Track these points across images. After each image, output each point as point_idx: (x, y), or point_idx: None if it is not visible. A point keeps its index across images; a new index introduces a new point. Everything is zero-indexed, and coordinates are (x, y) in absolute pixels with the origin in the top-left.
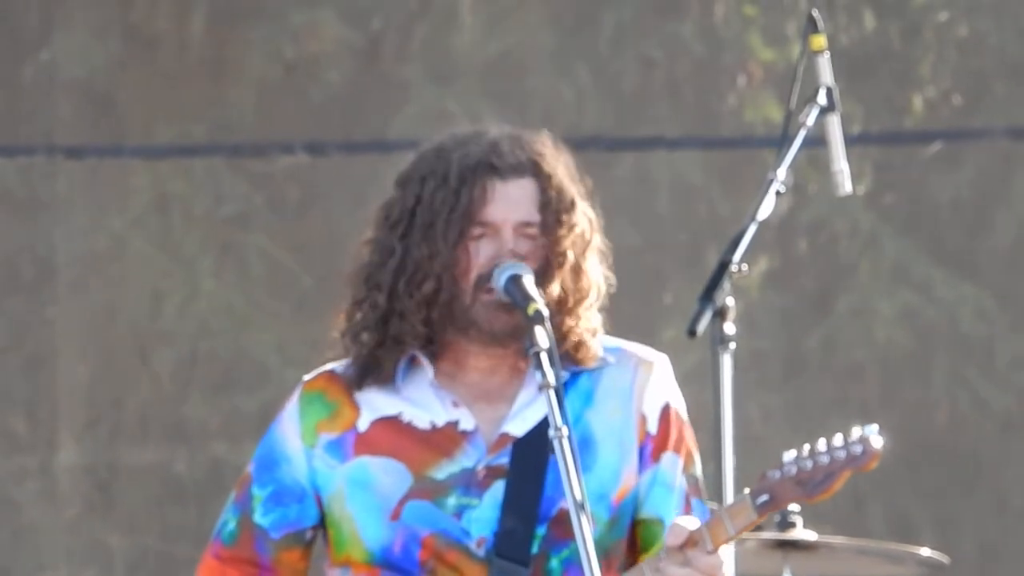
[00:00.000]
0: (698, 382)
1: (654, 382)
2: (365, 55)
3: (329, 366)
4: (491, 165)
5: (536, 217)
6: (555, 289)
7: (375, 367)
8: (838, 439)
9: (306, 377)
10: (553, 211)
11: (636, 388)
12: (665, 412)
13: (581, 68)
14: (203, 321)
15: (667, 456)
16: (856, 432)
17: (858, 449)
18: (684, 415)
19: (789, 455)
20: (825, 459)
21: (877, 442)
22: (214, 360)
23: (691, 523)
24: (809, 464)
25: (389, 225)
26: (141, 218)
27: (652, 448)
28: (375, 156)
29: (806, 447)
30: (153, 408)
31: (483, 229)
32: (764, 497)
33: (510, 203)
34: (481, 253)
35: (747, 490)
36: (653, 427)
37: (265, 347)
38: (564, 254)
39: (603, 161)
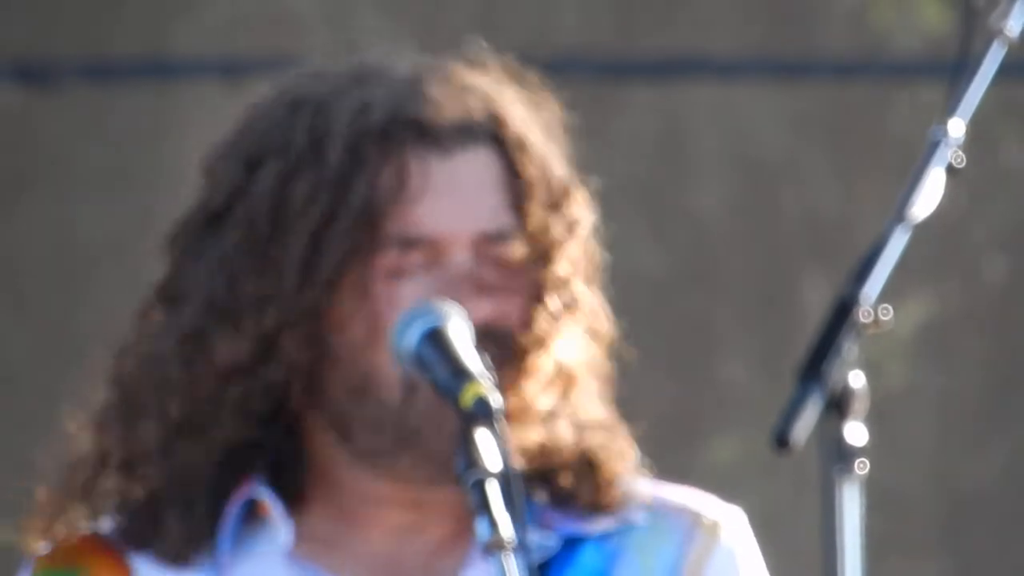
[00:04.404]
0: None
1: (721, 559)
2: None
3: (83, 524)
4: (419, 125)
5: (509, 221)
6: (546, 360)
7: (172, 520)
8: None
9: (40, 549)
10: (540, 206)
11: (688, 566)
12: None
13: None
14: None
15: None
16: None
17: None
18: None
19: None
20: None
21: None
22: None
23: None
24: None
25: (187, 255)
26: None
27: None
28: (151, 84)
29: None
30: None
31: (406, 255)
32: None
33: (462, 197)
34: (404, 301)
35: None
36: None
37: None
38: (564, 286)
39: (606, 106)
